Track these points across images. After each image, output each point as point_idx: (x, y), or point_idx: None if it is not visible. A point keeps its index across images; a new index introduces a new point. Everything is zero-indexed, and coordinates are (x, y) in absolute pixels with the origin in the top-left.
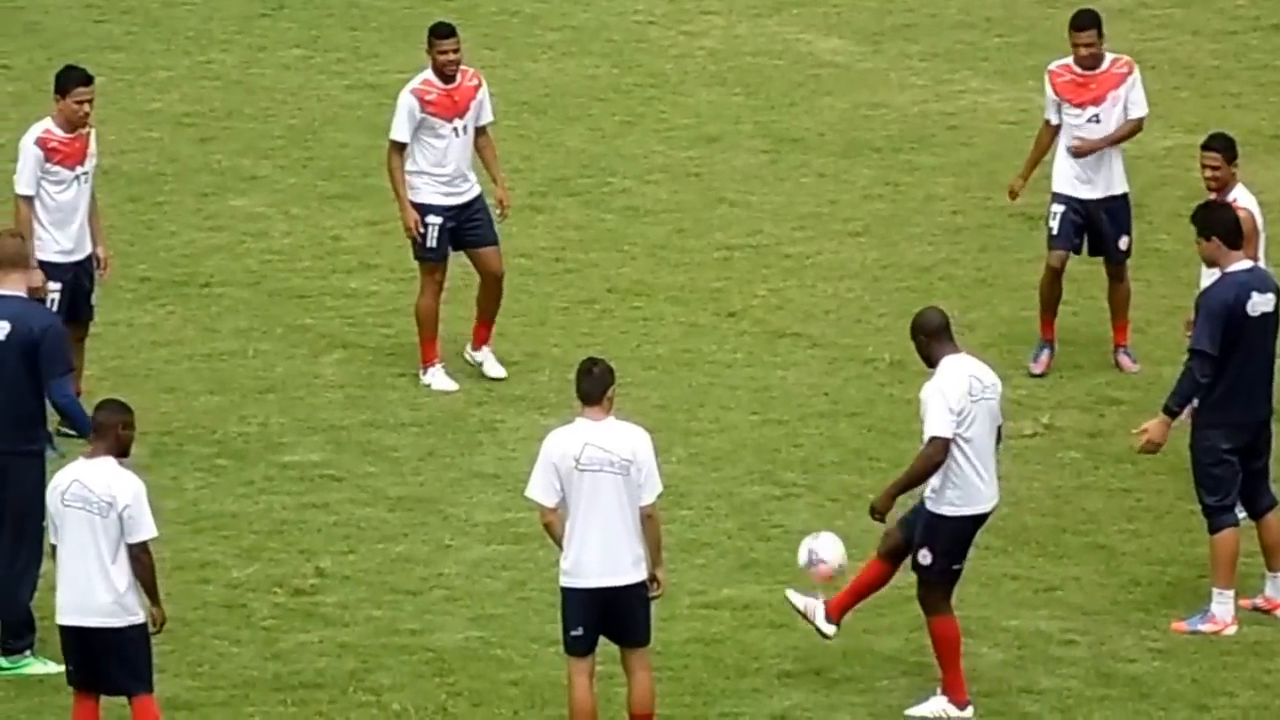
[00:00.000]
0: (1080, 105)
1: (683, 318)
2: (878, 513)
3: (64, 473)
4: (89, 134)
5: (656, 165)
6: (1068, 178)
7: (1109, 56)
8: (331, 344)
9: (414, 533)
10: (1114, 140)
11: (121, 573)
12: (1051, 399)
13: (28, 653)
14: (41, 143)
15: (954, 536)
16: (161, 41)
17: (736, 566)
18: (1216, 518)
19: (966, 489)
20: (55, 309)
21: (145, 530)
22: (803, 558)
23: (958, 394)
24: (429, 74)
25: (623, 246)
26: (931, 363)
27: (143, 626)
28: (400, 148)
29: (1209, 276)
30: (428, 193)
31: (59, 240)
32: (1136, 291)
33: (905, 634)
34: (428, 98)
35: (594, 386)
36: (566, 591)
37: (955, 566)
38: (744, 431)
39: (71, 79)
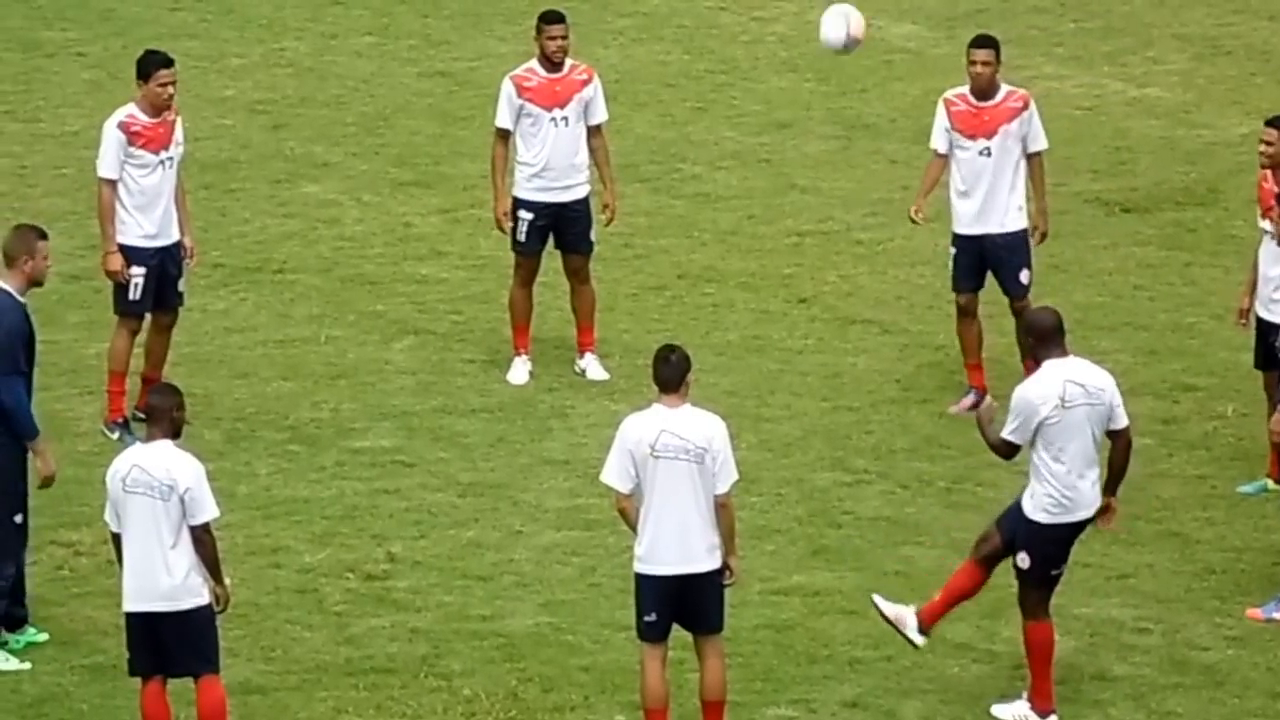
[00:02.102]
0: (971, 136)
1: (753, 304)
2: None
3: (122, 458)
4: (174, 120)
5: (727, 151)
6: (958, 216)
7: (1005, 88)
8: (403, 330)
9: (485, 518)
10: (1041, 192)
11: (182, 556)
12: (1125, 385)
13: None
14: (124, 127)
15: (1051, 542)
16: (235, 29)
17: (807, 553)
18: None
19: (1062, 496)
20: (140, 294)
21: (207, 511)
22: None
23: (1041, 403)
24: (534, 62)
25: (693, 233)
26: (1036, 363)
27: (208, 607)
28: (503, 135)
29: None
30: (522, 186)
31: (142, 224)
32: (1213, 278)
33: (976, 621)
34: (526, 84)
35: (672, 374)
36: (640, 578)
37: (1054, 572)
38: (814, 418)
39: (153, 62)
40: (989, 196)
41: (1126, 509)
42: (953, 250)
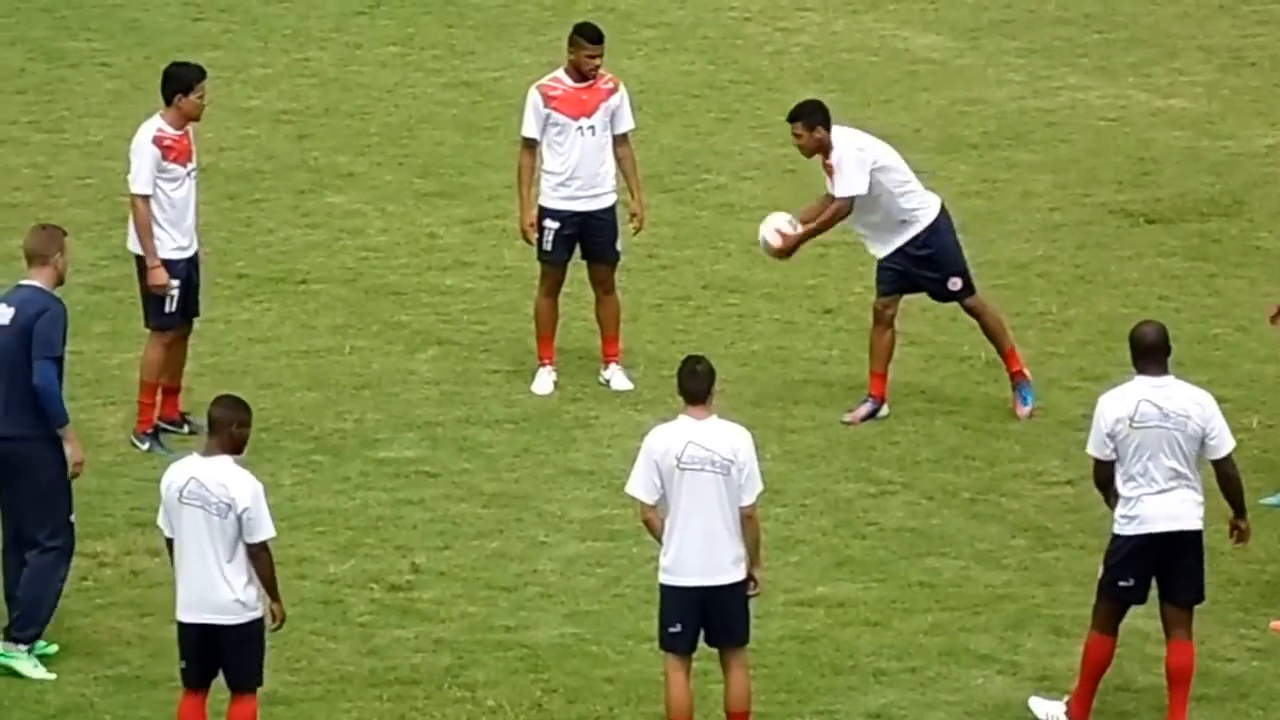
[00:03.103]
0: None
1: (778, 315)
2: None
3: (179, 468)
4: (190, 131)
5: (752, 162)
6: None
7: (834, 144)
8: (427, 341)
9: (509, 529)
10: (811, 234)
11: (238, 571)
12: None
13: (23, 647)
14: (158, 141)
15: (1116, 553)
16: (259, 39)
17: (831, 564)
18: None
19: (1128, 509)
20: (175, 306)
21: (265, 531)
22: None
23: (1112, 416)
24: (560, 71)
25: (717, 243)
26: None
27: (261, 622)
28: (529, 145)
29: None
30: (548, 195)
31: (175, 237)
32: (1238, 290)
33: (1000, 633)
34: (552, 93)
35: (698, 385)
36: (666, 589)
37: (1121, 583)
38: (839, 429)
39: (193, 75)
40: (868, 231)
41: None
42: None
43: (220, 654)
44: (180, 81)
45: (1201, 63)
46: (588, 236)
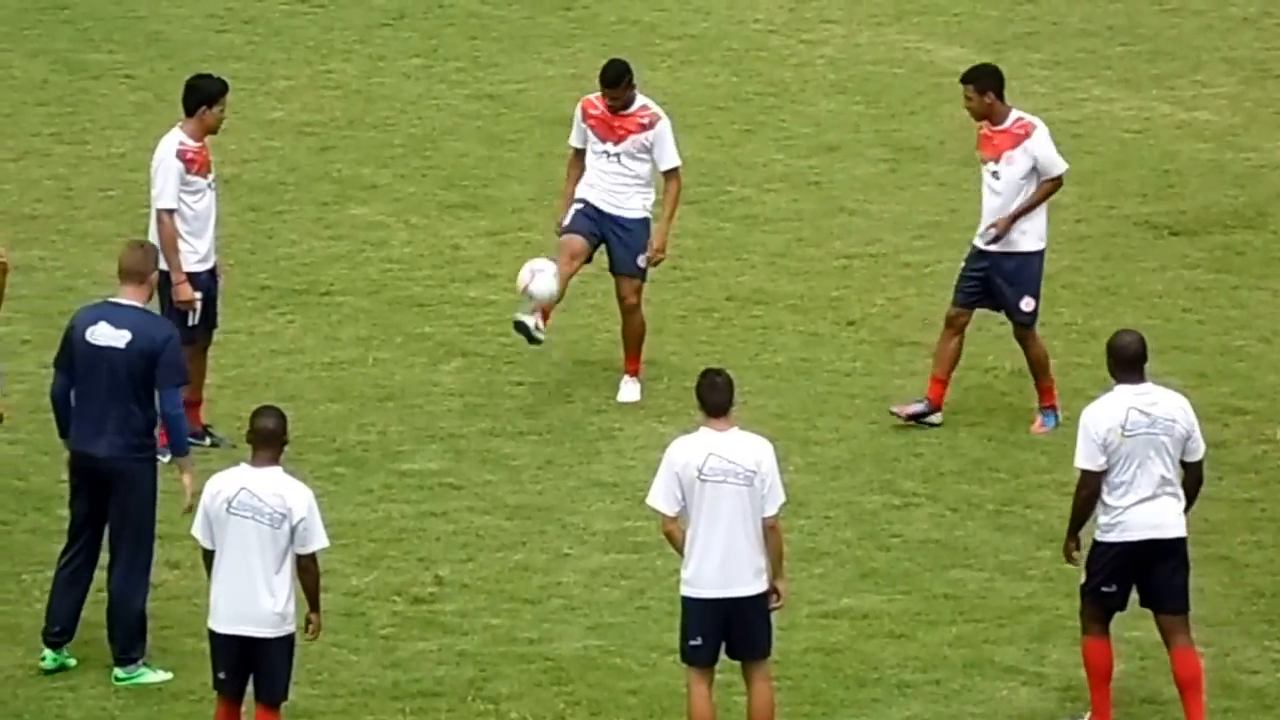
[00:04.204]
0: (985, 159)
1: (801, 326)
2: (1068, 559)
3: (227, 479)
4: (207, 141)
5: (776, 174)
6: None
7: (1013, 115)
8: (450, 352)
9: (532, 541)
10: (1024, 210)
11: (284, 583)
12: None
13: (140, 662)
14: (181, 155)
15: (1099, 559)
16: (283, 51)
17: (856, 576)
18: None
19: (1112, 517)
20: (197, 319)
21: (318, 541)
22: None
23: (1104, 427)
24: None
25: (741, 255)
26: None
27: (293, 636)
28: (577, 153)
29: None
30: (579, 187)
31: (197, 249)
32: (1262, 301)
33: (1025, 644)
34: (591, 111)
35: (721, 397)
36: (687, 601)
37: (1105, 589)
38: (863, 440)
39: (217, 88)
40: (997, 215)
41: None
42: (964, 261)
43: (254, 666)
44: (204, 94)
45: (1225, 75)
46: (610, 242)
